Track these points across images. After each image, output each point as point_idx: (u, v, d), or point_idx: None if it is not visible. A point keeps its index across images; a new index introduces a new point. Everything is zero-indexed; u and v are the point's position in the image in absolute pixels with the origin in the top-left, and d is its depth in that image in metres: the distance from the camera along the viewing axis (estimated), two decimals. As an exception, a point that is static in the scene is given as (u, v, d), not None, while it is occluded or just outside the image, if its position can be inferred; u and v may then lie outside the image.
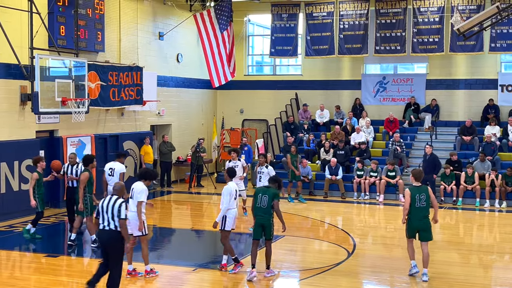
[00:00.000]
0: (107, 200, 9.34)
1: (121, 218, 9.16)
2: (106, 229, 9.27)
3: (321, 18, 23.82)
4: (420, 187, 10.92)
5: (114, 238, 9.21)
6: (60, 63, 16.21)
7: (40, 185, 13.67)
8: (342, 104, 24.50)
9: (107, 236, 9.26)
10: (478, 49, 22.16)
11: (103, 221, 9.28)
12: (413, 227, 10.90)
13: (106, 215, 9.25)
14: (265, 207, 10.79)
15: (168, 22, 22.57)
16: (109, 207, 9.25)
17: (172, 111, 23.07)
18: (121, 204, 9.24)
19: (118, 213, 9.19)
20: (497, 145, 20.59)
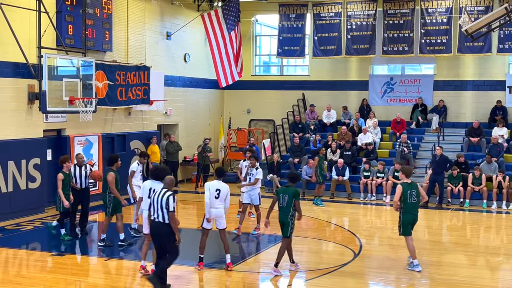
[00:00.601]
0: (157, 194, 9.76)
1: (169, 210, 9.56)
2: (155, 221, 9.74)
3: (329, 19, 23.79)
4: (411, 184, 11.47)
5: (163, 229, 9.64)
6: (68, 62, 16.26)
7: (65, 185, 13.46)
8: (349, 104, 24.47)
9: (156, 227, 9.73)
10: (486, 50, 22.08)
11: (154, 213, 9.74)
12: (407, 222, 11.46)
13: (156, 207, 9.68)
14: (285, 206, 11.01)
15: (176, 22, 22.60)
16: (158, 199, 9.66)
17: (179, 111, 23.10)
18: (168, 197, 9.62)
19: (167, 206, 9.59)
20: (503, 147, 20.51)
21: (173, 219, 9.59)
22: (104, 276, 11.13)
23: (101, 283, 10.60)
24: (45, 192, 16.66)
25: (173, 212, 9.59)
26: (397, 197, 11.39)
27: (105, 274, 11.24)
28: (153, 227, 9.87)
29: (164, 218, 9.63)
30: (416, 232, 15.87)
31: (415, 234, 15.43)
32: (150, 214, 9.93)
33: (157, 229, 9.77)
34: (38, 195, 16.39)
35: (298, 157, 22.08)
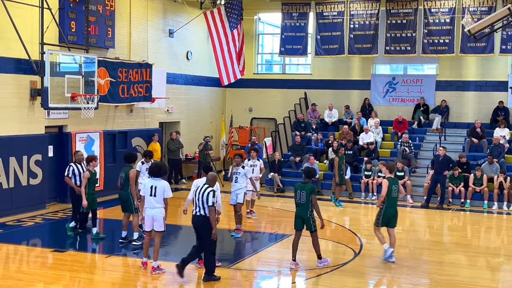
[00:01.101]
0: (199, 189, 10.39)
1: (209, 205, 10.19)
2: (197, 214, 10.39)
3: (332, 18, 23.77)
4: (394, 179, 12.14)
5: (204, 222, 10.29)
6: (70, 58, 16.27)
7: (91, 184, 13.36)
8: (351, 104, 24.46)
9: (198, 220, 10.38)
10: (488, 50, 22.06)
11: (195, 207, 10.39)
12: (387, 215, 11.98)
13: (198, 202, 10.33)
14: (303, 202, 11.29)
15: (178, 19, 22.60)
16: (200, 195, 10.32)
17: (181, 109, 23.10)
18: (209, 192, 10.27)
19: (207, 201, 10.23)
20: (504, 148, 20.49)
21: (212, 213, 10.25)
22: (105, 272, 11.14)
23: (101, 280, 10.61)
24: (46, 189, 16.69)
25: (212, 206, 10.21)
26: (384, 191, 11.90)
27: (105, 271, 11.25)
28: (194, 221, 10.49)
29: (206, 212, 10.29)
30: (417, 232, 15.93)
31: (416, 234, 15.49)
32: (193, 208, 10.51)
33: (198, 222, 10.42)
34: (39, 191, 16.41)
35: (300, 156, 22.09)
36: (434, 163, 19.25)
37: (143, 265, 11.10)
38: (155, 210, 10.79)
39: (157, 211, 10.80)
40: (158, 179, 10.78)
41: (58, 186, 17.14)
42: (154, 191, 10.75)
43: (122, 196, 12.86)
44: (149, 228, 10.92)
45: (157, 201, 10.77)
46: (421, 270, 11.88)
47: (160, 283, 10.65)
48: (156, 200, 10.77)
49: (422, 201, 19.16)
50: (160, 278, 10.79)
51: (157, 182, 10.77)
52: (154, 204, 10.78)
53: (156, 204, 10.78)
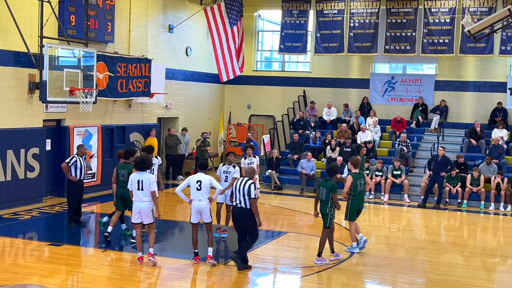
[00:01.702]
0: (239, 182, 10.91)
1: (251, 197, 10.68)
2: (238, 206, 10.88)
3: (332, 16, 23.75)
4: (359, 173, 12.56)
5: (245, 214, 10.78)
6: (69, 52, 16.23)
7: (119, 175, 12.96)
8: (349, 102, 24.45)
9: (239, 212, 10.89)
10: (488, 51, 22.06)
11: (236, 199, 10.88)
12: (355, 208, 12.42)
13: (239, 195, 10.80)
14: (324, 199, 11.61)
15: (178, 15, 22.56)
16: (241, 187, 10.80)
17: (180, 104, 23.08)
18: (250, 185, 10.75)
19: (248, 193, 10.71)
20: (504, 148, 20.51)
21: (254, 205, 10.73)
22: (101, 267, 11.13)
23: (97, 274, 10.60)
24: (43, 182, 16.67)
25: (254, 198, 10.71)
26: (347, 187, 12.32)
27: (101, 266, 11.24)
28: (235, 212, 11.01)
29: (246, 204, 10.74)
30: (413, 231, 15.94)
31: (412, 234, 15.50)
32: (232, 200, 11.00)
33: (239, 214, 10.91)
34: (36, 185, 16.39)
35: (298, 154, 22.10)
36: (431, 163, 19.23)
37: (139, 260, 11.09)
38: (144, 204, 10.99)
39: (145, 205, 11.00)
40: (144, 172, 11.01)
41: (55, 180, 17.14)
42: (141, 185, 10.92)
43: (126, 193, 12.11)
44: (138, 220, 11.12)
45: (144, 194, 10.95)
46: (417, 269, 11.91)
47: (155, 277, 10.65)
48: (144, 193, 10.94)
49: (419, 201, 19.17)
50: (156, 273, 10.79)
51: (143, 176, 10.98)
52: (142, 198, 10.96)
53: (143, 198, 10.96)
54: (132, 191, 11.06)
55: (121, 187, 12.45)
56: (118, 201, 12.68)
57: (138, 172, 11.05)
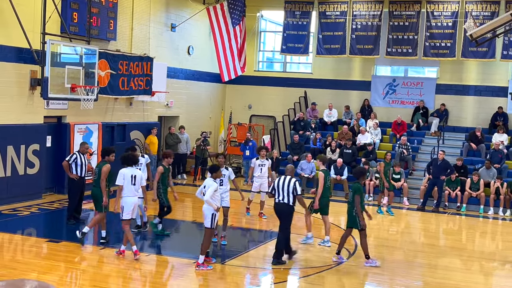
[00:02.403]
0: (282, 180, 11.55)
1: (297, 194, 11.41)
2: (280, 202, 11.50)
3: (334, 17, 23.78)
4: (327, 171, 13.20)
5: (287, 209, 11.50)
6: (71, 49, 16.25)
7: (164, 179, 13.06)
8: (350, 104, 24.47)
9: (281, 207, 11.52)
10: (490, 56, 22.08)
11: (279, 195, 11.50)
12: (321, 203, 12.93)
13: (282, 192, 11.45)
14: (350, 201, 11.86)
15: (181, 14, 22.58)
16: (284, 185, 11.44)
17: (181, 103, 23.09)
18: (295, 182, 11.47)
19: (294, 190, 11.41)
20: (504, 153, 20.51)
21: (301, 200, 11.68)
22: (99, 264, 11.13)
23: (95, 271, 10.60)
24: (43, 178, 16.67)
25: (300, 195, 11.47)
26: (321, 182, 12.88)
27: (99, 263, 11.24)
28: (278, 208, 11.61)
29: (289, 201, 11.42)
30: (412, 234, 15.95)
31: (410, 236, 15.51)
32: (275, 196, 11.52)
33: (281, 209, 11.54)
34: (36, 181, 16.39)
35: (298, 155, 22.11)
36: (430, 166, 19.22)
37: (135, 255, 11.14)
38: (138, 199, 11.40)
39: (135, 200, 11.29)
40: (133, 168, 11.32)
41: (55, 176, 17.15)
42: (134, 180, 11.14)
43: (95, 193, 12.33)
44: (130, 216, 11.23)
45: (136, 189, 11.22)
46: (415, 272, 11.91)
47: (154, 276, 10.65)
48: (136, 188, 11.21)
49: (418, 204, 19.18)
50: (153, 272, 10.80)
51: (135, 171, 11.26)
52: (136, 193, 11.24)
53: (137, 192, 11.27)
54: (123, 186, 11.09)
55: (93, 186, 12.44)
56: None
57: (129, 167, 11.27)
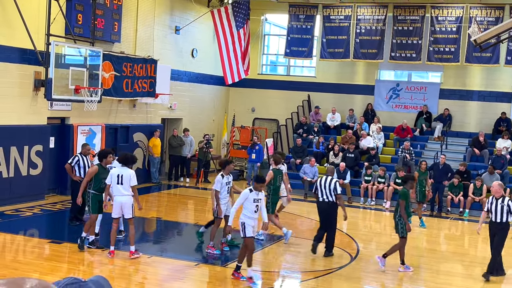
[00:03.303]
0: (323, 179, 12.47)
1: (337, 193, 12.23)
2: (325, 201, 12.35)
3: (338, 21, 23.77)
4: (279, 170, 13.69)
5: (330, 207, 12.34)
6: (75, 51, 16.28)
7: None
8: (354, 108, 24.45)
9: (325, 206, 12.39)
10: (494, 61, 22.05)
11: (322, 195, 12.38)
12: (275, 201, 13.67)
13: (325, 190, 12.31)
14: (396, 206, 11.99)
15: (185, 16, 22.61)
16: (326, 185, 12.31)
17: (184, 106, 23.12)
18: (335, 182, 12.32)
19: (334, 190, 12.23)
20: (507, 159, 20.48)
21: (341, 199, 12.53)
22: (101, 266, 11.14)
23: (96, 273, 10.61)
24: (46, 180, 16.69)
25: (340, 194, 12.31)
26: (267, 180, 13.01)
27: (101, 264, 11.25)
28: (321, 206, 12.49)
29: (333, 199, 12.22)
30: (414, 239, 15.90)
31: (413, 242, 15.47)
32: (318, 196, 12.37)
33: (325, 207, 12.38)
34: (39, 182, 16.42)
35: (300, 158, 22.10)
36: (431, 170, 19.12)
37: (110, 254, 11.22)
38: (125, 198, 11.19)
39: (126, 199, 11.20)
40: (125, 168, 11.24)
41: (58, 177, 17.18)
42: (121, 179, 11.12)
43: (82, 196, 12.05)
44: (118, 215, 11.33)
45: (124, 188, 11.16)
46: (417, 277, 11.88)
47: (155, 278, 10.66)
48: (124, 187, 11.16)
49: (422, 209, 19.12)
50: (155, 274, 10.80)
51: (124, 170, 11.20)
52: (122, 192, 11.16)
53: (124, 191, 11.17)
54: (111, 186, 11.20)
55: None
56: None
57: (120, 166, 11.30)
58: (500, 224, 11.36)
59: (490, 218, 11.56)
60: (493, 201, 11.51)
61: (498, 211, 11.37)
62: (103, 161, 11.93)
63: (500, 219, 11.34)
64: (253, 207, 10.39)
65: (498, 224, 11.37)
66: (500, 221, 11.34)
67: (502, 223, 11.36)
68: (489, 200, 11.65)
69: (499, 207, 11.36)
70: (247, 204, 10.39)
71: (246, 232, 10.40)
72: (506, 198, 11.57)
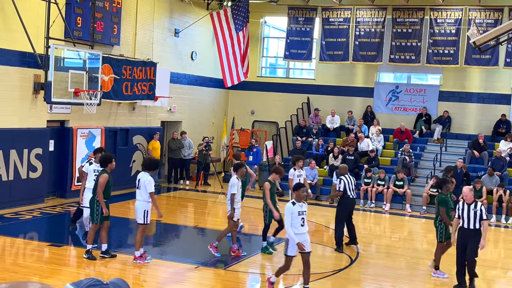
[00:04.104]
0: (349, 179, 13.38)
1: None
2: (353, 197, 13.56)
3: (337, 24, 23.79)
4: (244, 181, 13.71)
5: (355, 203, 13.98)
6: (75, 54, 16.29)
7: (272, 195, 12.74)
8: (353, 110, 24.44)
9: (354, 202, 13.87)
10: (493, 63, 22.07)
11: (350, 192, 13.42)
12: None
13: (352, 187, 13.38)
14: (436, 212, 11.99)
15: (185, 19, 22.63)
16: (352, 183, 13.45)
17: (184, 108, 23.12)
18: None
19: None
20: (506, 161, 20.48)
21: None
22: (101, 268, 11.13)
23: (97, 276, 10.58)
24: (45, 183, 16.68)
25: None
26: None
27: (101, 267, 11.24)
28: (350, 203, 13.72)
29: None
30: (414, 241, 15.92)
31: (413, 243, 15.47)
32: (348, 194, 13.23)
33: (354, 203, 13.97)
34: (38, 185, 16.40)
35: (300, 161, 22.06)
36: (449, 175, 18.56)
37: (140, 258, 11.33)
38: (137, 203, 11.28)
39: (138, 204, 11.25)
40: (145, 173, 11.28)
41: (58, 180, 17.17)
42: (138, 184, 11.25)
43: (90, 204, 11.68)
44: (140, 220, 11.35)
45: (139, 193, 11.19)
46: (417, 279, 11.87)
47: (155, 281, 10.66)
48: (139, 193, 11.19)
49: (421, 211, 19.14)
50: (155, 276, 10.79)
51: (143, 176, 11.25)
52: (137, 197, 11.26)
53: (138, 196, 11.23)
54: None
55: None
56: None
57: (143, 171, 11.38)
58: (472, 231, 10.70)
59: (461, 225, 10.80)
60: (464, 207, 10.80)
61: (470, 217, 10.69)
62: (108, 166, 11.40)
63: (473, 225, 10.67)
64: (299, 221, 9.67)
65: (471, 231, 10.70)
66: (474, 227, 10.68)
67: (475, 230, 10.70)
68: (459, 206, 10.91)
69: (472, 213, 10.68)
70: (292, 219, 9.64)
71: (288, 250, 9.78)
72: (479, 203, 10.86)
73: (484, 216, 10.70)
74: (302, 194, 9.75)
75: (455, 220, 11.07)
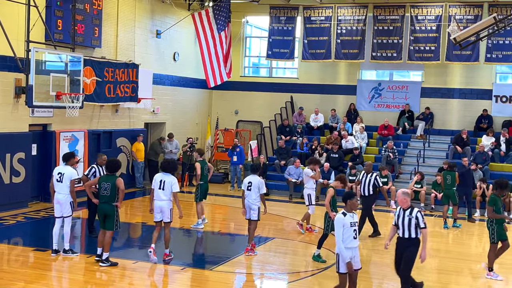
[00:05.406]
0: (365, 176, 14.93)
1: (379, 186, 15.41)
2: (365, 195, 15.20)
3: (319, 22, 23.86)
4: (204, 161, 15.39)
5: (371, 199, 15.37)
6: (56, 57, 16.18)
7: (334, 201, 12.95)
8: (336, 108, 24.53)
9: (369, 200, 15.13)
10: (474, 59, 22.25)
11: (363, 190, 15.00)
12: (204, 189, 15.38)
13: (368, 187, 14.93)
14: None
15: (166, 20, 22.56)
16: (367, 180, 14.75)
17: (167, 110, 23.05)
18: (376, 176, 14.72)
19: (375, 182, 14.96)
20: (489, 155, 20.65)
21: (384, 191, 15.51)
22: (85, 272, 11.07)
23: (83, 280, 10.54)
24: (29, 187, 16.56)
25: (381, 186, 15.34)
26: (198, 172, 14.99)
27: (88, 271, 11.17)
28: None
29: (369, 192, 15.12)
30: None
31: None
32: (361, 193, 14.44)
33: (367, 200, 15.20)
34: (22, 190, 16.28)
35: (285, 160, 22.13)
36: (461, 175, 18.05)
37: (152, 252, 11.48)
38: (162, 203, 11.56)
39: (164, 203, 11.57)
40: (167, 174, 11.64)
41: (41, 185, 17.05)
42: (162, 185, 11.54)
43: (107, 209, 11.30)
44: (157, 219, 11.71)
45: (164, 194, 11.54)
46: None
47: (142, 283, 10.61)
48: (164, 193, 11.53)
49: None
50: (142, 279, 10.75)
51: (166, 177, 11.58)
52: (162, 197, 11.54)
53: (163, 196, 11.55)
54: (154, 190, 11.64)
55: (103, 202, 11.32)
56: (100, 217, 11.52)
57: (162, 173, 11.69)
58: (408, 241, 9.49)
59: (398, 233, 9.68)
60: (400, 213, 9.58)
61: (405, 225, 9.47)
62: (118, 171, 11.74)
63: (408, 234, 9.46)
64: (352, 233, 8.92)
65: (406, 240, 9.50)
66: (408, 237, 9.46)
67: (410, 239, 9.47)
68: (396, 212, 9.73)
69: (406, 220, 9.45)
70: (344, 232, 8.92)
71: (340, 266, 9.09)
72: (415, 209, 9.52)
73: (421, 224, 9.40)
74: (356, 204, 9.03)
75: (392, 228, 9.95)
